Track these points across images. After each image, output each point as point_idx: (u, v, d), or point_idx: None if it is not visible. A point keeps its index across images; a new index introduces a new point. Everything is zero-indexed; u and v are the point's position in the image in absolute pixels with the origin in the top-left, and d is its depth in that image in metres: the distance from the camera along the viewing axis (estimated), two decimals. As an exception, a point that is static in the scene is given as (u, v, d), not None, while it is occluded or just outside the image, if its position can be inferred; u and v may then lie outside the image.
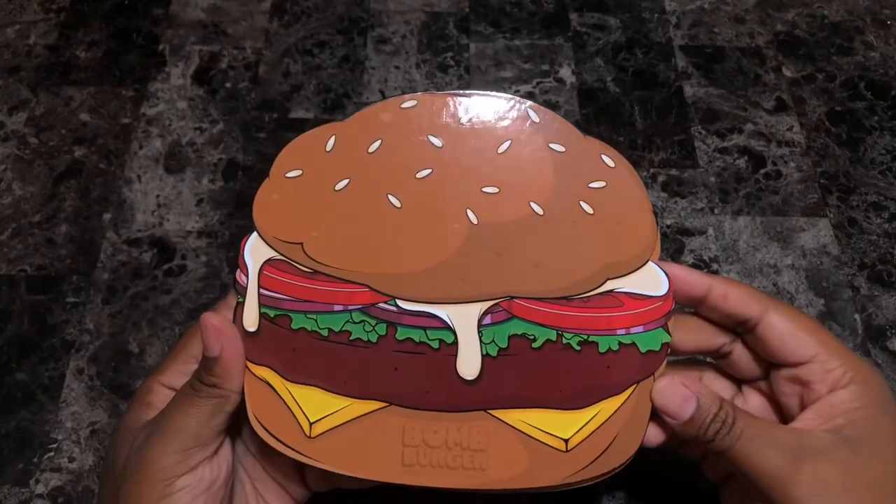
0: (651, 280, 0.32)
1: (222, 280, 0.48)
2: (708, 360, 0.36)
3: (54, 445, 0.43)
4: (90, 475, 0.42)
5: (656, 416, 0.31)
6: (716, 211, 0.51)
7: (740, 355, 0.34)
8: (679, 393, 0.30)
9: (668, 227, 0.50)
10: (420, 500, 0.40)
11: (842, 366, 0.31)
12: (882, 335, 0.46)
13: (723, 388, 0.35)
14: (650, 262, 0.32)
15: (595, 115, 0.55)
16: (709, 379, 0.35)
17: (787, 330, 0.31)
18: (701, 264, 0.49)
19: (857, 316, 0.47)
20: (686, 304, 0.33)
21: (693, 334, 0.33)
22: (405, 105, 0.34)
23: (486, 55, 0.58)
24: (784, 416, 0.33)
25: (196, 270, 0.49)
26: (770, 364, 0.33)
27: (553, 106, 0.55)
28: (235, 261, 0.49)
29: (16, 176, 0.52)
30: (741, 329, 0.33)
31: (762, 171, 0.53)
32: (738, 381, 0.35)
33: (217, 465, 0.30)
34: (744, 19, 0.60)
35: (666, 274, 0.32)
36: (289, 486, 0.34)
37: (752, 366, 0.34)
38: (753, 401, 0.34)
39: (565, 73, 0.57)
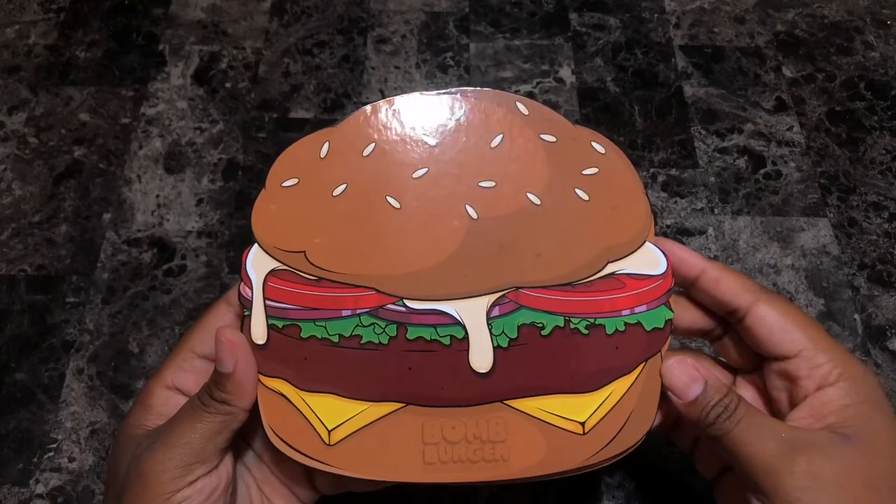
0: (650, 260, 0.32)
1: (222, 280, 0.48)
2: (704, 347, 0.36)
3: (54, 445, 0.43)
4: (90, 475, 0.42)
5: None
6: (716, 211, 0.51)
7: (731, 343, 0.34)
8: (688, 373, 0.31)
9: (667, 227, 0.50)
10: (425, 500, 0.41)
11: (829, 362, 0.30)
12: (882, 335, 0.46)
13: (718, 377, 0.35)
14: (647, 243, 0.33)
15: (595, 114, 0.55)
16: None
17: (775, 323, 0.31)
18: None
19: (857, 316, 0.47)
20: (678, 283, 0.34)
21: (686, 311, 0.34)
22: (395, 106, 0.34)
23: (486, 55, 0.58)
24: (774, 411, 0.33)
25: (196, 270, 0.49)
26: (762, 357, 0.33)
27: (553, 106, 0.55)
28: (235, 261, 0.49)
29: (16, 176, 0.53)
30: (731, 318, 0.33)
31: (762, 171, 0.53)
32: (734, 372, 0.35)
33: (217, 476, 0.30)
34: (744, 19, 0.60)
35: (663, 252, 0.33)
36: (297, 489, 0.34)
37: (743, 355, 0.34)
38: (745, 393, 0.34)
39: (565, 73, 0.57)
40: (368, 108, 0.34)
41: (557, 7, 0.61)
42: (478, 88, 0.34)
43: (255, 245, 0.32)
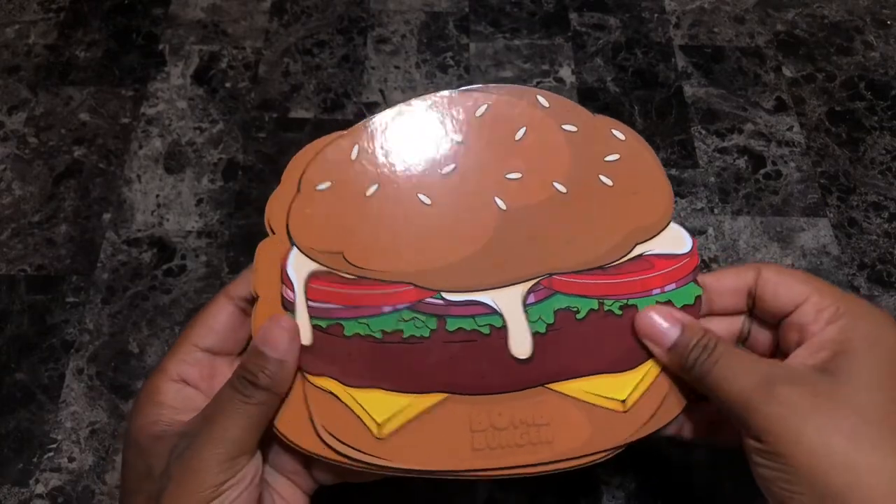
0: (675, 239, 0.34)
1: (222, 280, 0.48)
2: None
3: (54, 445, 0.43)
4: (90, 475, 0.42)
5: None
6: (716, 211, 0.51)
7: (757, 331, 0.35)
8: (664, 316, 0.32)
9: (668, 227, 0.50)
10: (425, 496, 0.41)
11: (834, 304, 0.31)
12: (882, 335, 0.46)
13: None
14: (672, 223, 0.34)
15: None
16: None
17: (778, 280, 0.32)
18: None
19: (857, 316, 0.47)
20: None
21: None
22: (421, 106, 0.35)
23: (486, 55, 0.58)
24: None
25: (196, 270, 0.49)
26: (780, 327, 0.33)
27: (553, 106, 0.55)
28: (235, 261, 0.49)
29: (16, 176, 0.52)
30: (748, 302, 0.34)
31: (762, 171, 0.53)
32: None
33: (256, 462, 0.31)
34: (744, 19, 0.60)
35: (688, 231, 0.34)
36: (297, 478, 0.34)
37: (769, 336, 0.34)
38: None
39: (565, 72, 0.57)
40: (395, 108, 0.35)
41: (557, 7, 0.61)
42: (499, 84, 0.36)
43: (295, 249, 0.33)
